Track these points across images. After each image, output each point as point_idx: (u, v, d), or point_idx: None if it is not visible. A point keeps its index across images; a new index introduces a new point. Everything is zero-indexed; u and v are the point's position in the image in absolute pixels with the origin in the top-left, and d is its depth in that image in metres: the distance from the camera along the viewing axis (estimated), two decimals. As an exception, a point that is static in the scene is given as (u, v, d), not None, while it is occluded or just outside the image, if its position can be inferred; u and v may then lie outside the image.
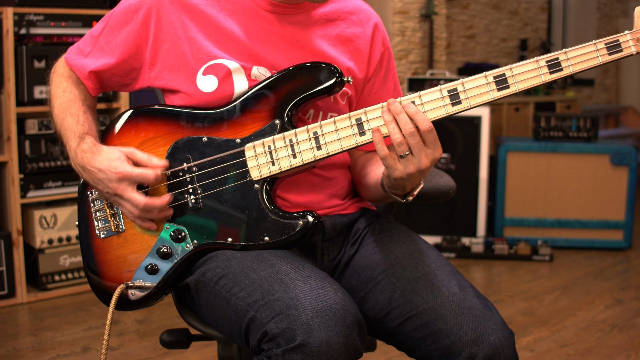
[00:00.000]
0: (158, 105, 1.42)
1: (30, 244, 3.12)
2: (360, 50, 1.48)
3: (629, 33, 1.22)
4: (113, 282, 1.40)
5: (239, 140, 1.35)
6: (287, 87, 1.35)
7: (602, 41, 1.23)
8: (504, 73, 1.25)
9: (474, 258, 3.85)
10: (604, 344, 2.73)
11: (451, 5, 5.33)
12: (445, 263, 1.38)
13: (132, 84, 1.48)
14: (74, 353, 2.59)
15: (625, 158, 3.97)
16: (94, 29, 1.48)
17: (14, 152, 3.00)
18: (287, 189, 1.42)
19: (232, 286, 1.26)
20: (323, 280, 1.21)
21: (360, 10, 1.51)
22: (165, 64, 1.41)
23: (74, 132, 1.41)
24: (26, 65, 2.96)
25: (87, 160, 1.36)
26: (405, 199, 1.34)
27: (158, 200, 1.34)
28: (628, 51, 1.23)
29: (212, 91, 1.38)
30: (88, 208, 1.44)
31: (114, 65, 1.45)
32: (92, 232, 1.43)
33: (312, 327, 1.13)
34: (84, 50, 1.48)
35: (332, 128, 1.31)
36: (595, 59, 1.23)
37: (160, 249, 1.36)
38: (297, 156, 1.32)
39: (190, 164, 1.37)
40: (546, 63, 1.24)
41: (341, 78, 1.33)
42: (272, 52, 1.41)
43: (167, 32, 1.40)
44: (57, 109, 1.45)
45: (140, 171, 1.33)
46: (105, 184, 1.34)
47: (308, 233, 1.32)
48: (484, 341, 1.25)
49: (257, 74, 1.40)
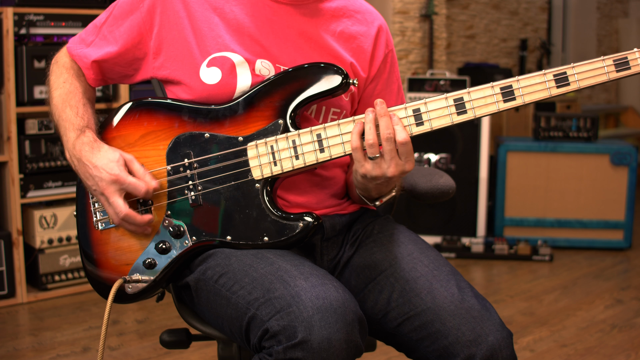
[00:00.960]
0: (160, 98, 1.42)
1: (30, 244, 3.13)
2: (363, 48, 1.48)
3: (637, 51, 1.22)
4: (110, 274, 1.39)
5: (242, 138, 1.35)
6: (291, 87, 1.35)
7: (610, 58, 1.23)
8: (510, 85, 1.25)
9: (474, 258, 3.85)
10: (604, 344, 2.73)
11: (451, 5, 5.32)
12: (444, 263, 1.38)
13: (135, 74, 1.47)
14: (74, 353, 2.59)
15: (625, 158, 3.97)
16: (98, 19, 1.48)
17: (14, 152, 3.00)
18: (286, 188, 1.42)
19: (232, 284, 1.26)
20: (323, 278, 1.21)
21: (366, 10, 1.52)
22: (170, 53, 1.41)
23: (73, 124, 1.40)
24: (26, 65, 2.96)
25: (84, 154, 1.35)
26: (373, 202, 1.37)
27: (139, 217, 1.33)
28: (636, 69, 1.22)
29: (215, 83, 1.38)
30: (87, 199, 1.43)
31: (117, 54, 1.44)
32: (90, 223, 1.42)
33: (313, 324, 1.13)
34: (86, 39, 1.47)
35: (336, 132, 1.31)
36: (602, 75, 1.23)
37: (158, 244, 1.36)
38: (299, 158, 1.32)
39: (192, 159, 1.37)
40: (554, 77, 1.24)
41: (347, 80, 1.33)
42: (277, 44, 1.40)
43: (172, 21, 1.40)
44: (57, 100, 1.44)
45: (134, 180, 1.32)
46: (96, 182, 1.34)
47: (308, 235, 1.32)
48: (482, 342, 1.25)
49: (261, 68, 1.39)
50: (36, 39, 3.02)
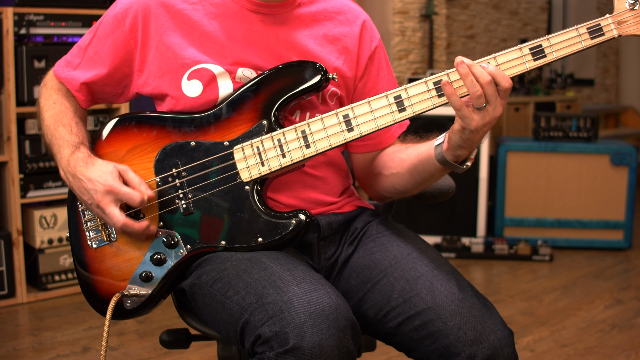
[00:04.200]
0: (146, 112, 1.42)
1: (30, 244, 3.13)
2: (348, 49, 1.48)
3: (610, 16, 1.23)
4: (108, 291, 1.39)
5: (227, 142, 1.35)
6: (272, 87, 1.35)
7: (583, 26, 1.24)
8: (489, 62, 1.25)
9: (474, 258, 3.85)
10: (604, 344, 2.73)
11: (451, 5, 5.33)
12: (444, 263, 1.38)
13: (124, 92, 1.48)
14: (74, 353, 2.59)
15: (625, 158, 3.97)
16: (82, 41, 1.48)
17: (14, 152, 3.00)
18: (278, 189, 1.42)
19: (227, 289, 1.26)
20: (316, 283, 1.21)
21: (347, 10, 1.51)
22: (151, 70, 1.41)
23: (67, 141, 1.40)
24: (26, 65, 2.96)
25: (79, 169, 1.36)
26: (464, 164, 1.32)
27: (137, 224, 1.33)
28: (610, 34, 1.23)
29: (197, 96, 1.39)
30: (79, 219, 1.43)
31: (106, 75, 1.45)
32: (84, 242, 1.42)
33: (304, 330, 1.13)
34: (72, 62, 1.48)
35: (320, 126, 1.31)
36: (578, 44, 1.24)
37: (153, 256, 1.36)
38: (286, 155, 1.33)
39: (180, 168, 1.37)
40: (530, 50, 1.25)
41: (326, 75, 1.34)
42: (257, 53, 1.41)
43: (152, 38, 1.41)
44: (48, 120, 1.44)
45: (128, 190, 1.32)
46: (91, 195, 1.34)
47: (301, 232, 1.32)
48: (484, 341, 1.25)
49: (242, 76, 1.40)
50: (36, 39, 3.02)
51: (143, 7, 1.40)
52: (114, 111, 3.28)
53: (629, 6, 1.22)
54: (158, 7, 1.41)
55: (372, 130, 1.30)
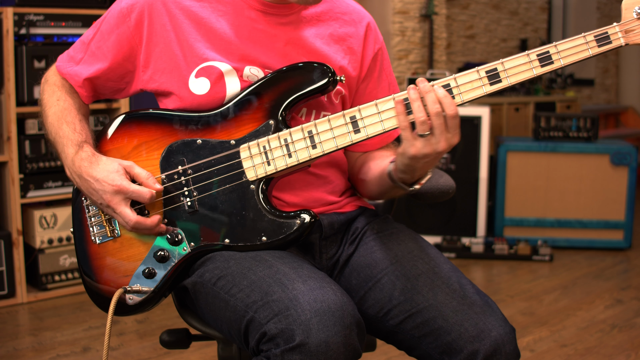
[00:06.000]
0: (151, 110, 1.42)
1: (30, 244, 3.12)
2: (353, 49, 1.48)
3: (617, 25, 1.24)
4: (110, 287, 1.39)
5: (234, 141, 1.35)
6: (280, 88, 1.35)
7: (591, 34, 1.25)
8: (495, 68, 1.26)
9: (474, 258, 3.85)
10: (604, 344, 2.73)
11: (451, 5, 5.33)
12: (445, 261, 1.39)
13: (127, 88, 1.48)
14: (74, 353, 2.59)
15: (625, 158, 3.97)
16: (85, 36, 1.48)
17: (14, 152, 3.00)
18: (282, 188, 1.42)
19: (230, 287, 1.26)
20: (322, 281, 1.21)
21: (352, 11, 1.51)
22: (158, 66, 1.41)
23: (70, 140, 1.40)
24: (26, 65, 2.96)
25: (84, 169, 1.35)
26: (412, 186, 1.33)
27: (149, 220, 1.33)
28: (617, 43, 1.24)
29: (204, 93, 1.38)
30: (83, 214, 1.43)
31: (108, 70, 1.44)
32: (88, 237, 1.42)
33: (310, 327, 1.13)
34: (75, 57, 1.47)
35: (327, 127, 1.31)
36: (585, 52, 1.25)
37: (157, 253, 1.36)
38: (292, 155, 1.33)
39: (185, 166, 1.37)
40: (537, 57, 1.25)
41: (334, 77, 1.34)
42: (264, 52, 1.41)
43: (159, 34, 1.40)
44: (52, 118, 1.44)
45: (137, 188, 1.32)
46: (100, 195, 1.34)
47: (305, 232, 1.32)
48: (485, 337, 1.25)
49: (250, 74, 1.40)
50: (36, 39, 3.02)
51: (149, 3, 1.40)
52: (114, 111, 3.28)
53: (637, 15, 1.23)
54: (165, 3, 1.40)
55: (379, 132, 1.30)
